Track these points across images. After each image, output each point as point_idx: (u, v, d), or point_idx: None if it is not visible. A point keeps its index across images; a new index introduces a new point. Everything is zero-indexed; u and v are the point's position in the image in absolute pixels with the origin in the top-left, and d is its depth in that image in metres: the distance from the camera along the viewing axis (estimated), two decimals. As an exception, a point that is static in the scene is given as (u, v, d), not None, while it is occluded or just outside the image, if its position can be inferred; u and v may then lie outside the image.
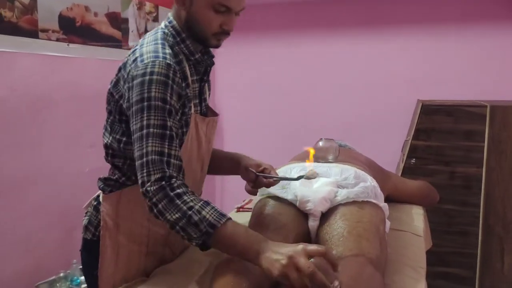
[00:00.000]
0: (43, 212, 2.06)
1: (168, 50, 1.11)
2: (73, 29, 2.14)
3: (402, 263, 1.30)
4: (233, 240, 0.97)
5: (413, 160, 2.41)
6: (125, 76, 1.12)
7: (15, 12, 1.84)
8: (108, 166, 1.29)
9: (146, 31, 2.64)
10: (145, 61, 1.06)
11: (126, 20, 2.48)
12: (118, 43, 2.43)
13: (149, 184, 1.00)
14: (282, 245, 0.94)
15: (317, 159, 1.57)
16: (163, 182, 0.99)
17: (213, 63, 1.26)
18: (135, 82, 1.05)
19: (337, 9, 2.97)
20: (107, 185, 1.23)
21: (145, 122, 1.03)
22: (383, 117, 2.92)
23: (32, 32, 1.93)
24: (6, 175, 1.88)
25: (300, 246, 0.90)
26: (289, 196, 1.35)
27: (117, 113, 1.16)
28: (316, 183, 1.38)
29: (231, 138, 3.38)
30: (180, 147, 1.10)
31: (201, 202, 0.99)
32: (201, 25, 1.12)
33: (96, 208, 1.25)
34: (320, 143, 1.58)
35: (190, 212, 0.97)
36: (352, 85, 2.99)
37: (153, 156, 1.01)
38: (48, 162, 2.07)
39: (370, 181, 1.39)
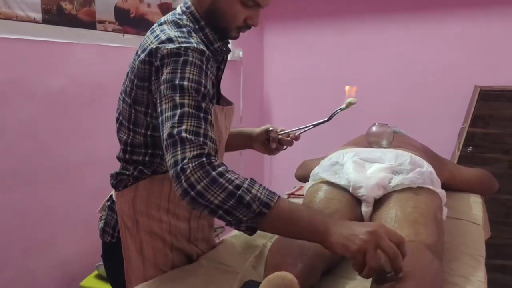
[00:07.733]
0: (99, 196, 2.12)
1: (195, 38, 1.02)
2: (128, 20, 2.20)
3: (460, 252, 1.27)
4: (294, 216, 0.86)
5: (470, 148, 2.32)
6: (151, 60, 1.01)
7: (75, 5, 1.92)
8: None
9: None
10: (177, 45, 0.97)
11: (177, 10, 2.53)
12: (169, 33, 2.48)
13: (185, 161, 0.84)
14: (353, 222, 0.87)
15: (370, 144, 1.55)
16: (204, 159, 0.85)
17: (229, 51, 1.16)
18: (166, 60, 0.96)
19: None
20: (120, 180, 1.14)
21: (178, 101, 0.91)
22: (437, 104, 2.82)
23: (90, 24, 2.00)
24: (65, 161, 1.96)
25: (382, 225, 0.83)
26: (342, 181, 1.34)
27: (140, 106, 1.08)
28: (369, 169, 1.36)
29: (281, 125, 3.37)
30: None
31: (248, 180, 0.86)
32: (225, 17, 1.05)
33: (111, 208, 1.18)
34: (374, 128, 1.56)
35: (239, 192, 0.83)
36: (405, 71, 2.91)
37: (189, 135, 0.87)
38: (103, 148, 2.14)
39: (426, 167, 1.36)
